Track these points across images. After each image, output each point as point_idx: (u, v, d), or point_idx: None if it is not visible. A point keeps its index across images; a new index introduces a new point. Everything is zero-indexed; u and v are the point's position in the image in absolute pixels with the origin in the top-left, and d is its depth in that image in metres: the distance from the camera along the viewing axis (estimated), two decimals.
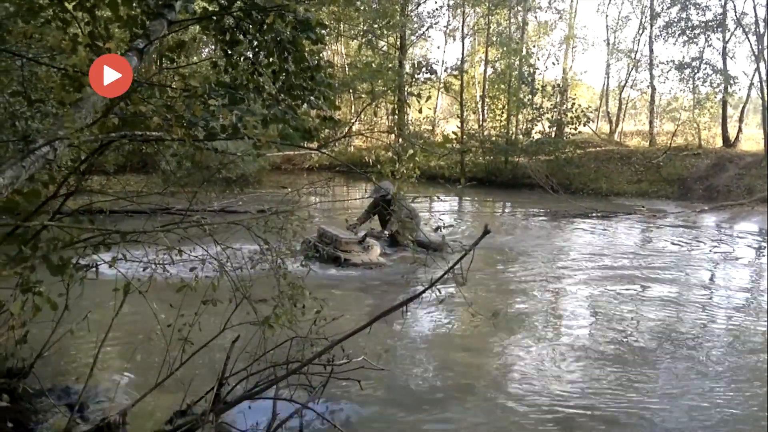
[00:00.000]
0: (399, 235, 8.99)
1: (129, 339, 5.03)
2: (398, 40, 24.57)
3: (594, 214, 14.51)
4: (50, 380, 4.10)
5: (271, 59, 4.38)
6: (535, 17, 27.66)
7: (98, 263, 3.31)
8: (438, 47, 55.54)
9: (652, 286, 7.92)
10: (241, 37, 4.38)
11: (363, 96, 24.73)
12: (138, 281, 3.39)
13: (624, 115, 29.37)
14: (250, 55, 4.51)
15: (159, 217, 5.31)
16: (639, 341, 5.78)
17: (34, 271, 2.94)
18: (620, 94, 28.89)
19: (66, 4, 3.88)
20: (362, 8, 23.44)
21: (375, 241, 8.81)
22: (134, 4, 3.80)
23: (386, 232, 9.01)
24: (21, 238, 3.14)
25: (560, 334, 5.95)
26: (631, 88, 28.84)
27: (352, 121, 22.07)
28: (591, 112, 24.41)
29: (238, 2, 4.05)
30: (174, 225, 3.28)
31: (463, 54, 25.65)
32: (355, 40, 27.08)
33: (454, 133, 19.17)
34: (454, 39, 27.13)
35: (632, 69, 28.05)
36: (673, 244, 11.30)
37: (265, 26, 4.16)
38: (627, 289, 7.72)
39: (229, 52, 4.40)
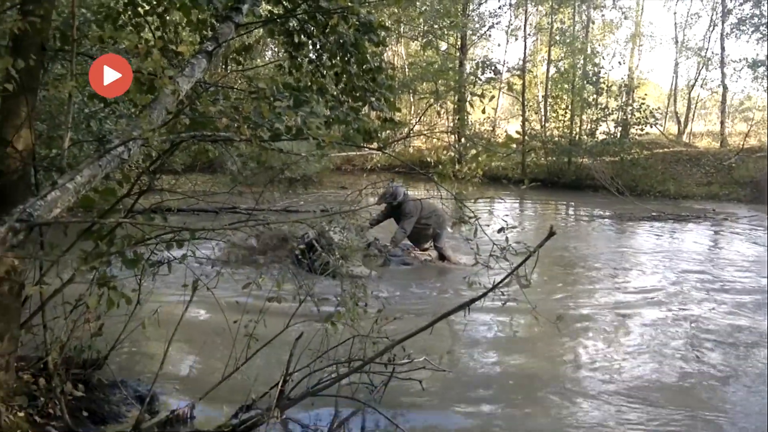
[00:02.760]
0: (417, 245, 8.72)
1: (197, 334, 5.17)
2: (459, 40, 24.46)
3: (662, 217, 14.08)
4: (123, 372, 4.24)
5: (333, 61, 4.43)
6: (601, 15, 27.10)
7: (169, 260, 3.43)
8: (499, 45, 55.14)
9: (724, 292, 7.63)
10: (305, 39, 4.46)
11: (425, 96, 24.73)
12: (206, 278, 3.49)
13: (693, 116, 28.43)
14: (314, 57, 4.58)
15: (225, 216, 5.44)
16: (710, 348, 5.58)
17: (109, 266, 3.06)
18: (689, 93, 27.97)
19: (139, 9, 4.03)
20: (423, 8, 23.47)
21: (377, 251, 8.42)
22: (204, 8, 3.91)
23: (389, 246, 8.49)
24: (96, 235, 3.27)
25: (626, 340, 5.79)
26: (701, 87, 27.90)
27: (413, 122, 22.08)
28: (658, 112, 23.71)
29: (303, 5, 4.12)
30: (241, 223, 3.36)
31: (525, 53, 25.34)
32: (416, 41, 27.13)
33: (517, 132, 18.97)
34: (516, 38, 26.84)
35: (702, 67, 27.13)
36: (746, 248, 10.86)
37: (329, 28, 4.22)
38: (697, 294, 7.46)
39: (293, 54, 4.48)
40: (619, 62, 26.73)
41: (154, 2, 4.09)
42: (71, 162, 3.19)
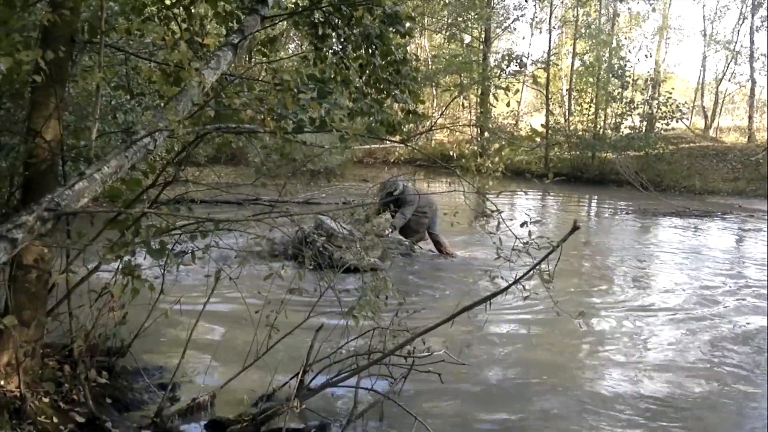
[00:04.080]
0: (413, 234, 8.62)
1: (218, 324, 5.22)
2: (483, 32, 24.31)
3: (687, 213, 13.89)
4: (146, 360, 4.30)
5: (358, 53, 4.44)
6: (628, 9, 26.75)
7: (193, 250, 3.46)
8: (523, 38, 54.65)
9: (747, 290, 7.52)
10: (330, 31, 4.46)
11: (448, 89, 24.62)
12: (229, 268, 3.52)
13: (720, 110, 27.96)
14: (338, 49, 4.58)
15: (248, 207, 5.48)
16: (734, 346, 5.50)
17: (134, 255, 3.10)
18: (717, 87, 27.53)
19: (166, 1, 4.06)
20: (448, 1, 23.35)
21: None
22: (230, 0, 3.93)
23: (388, 231, 8.27)
24: (122, 224, 3.32)
25: (649, 337, 5.73)
26: (729, 81, 27.43)
27: (437, 115, 22.00)
28: (685, 106, 23.35)
29: None
30: (264, 215, 3.38)
31: (549, 46, 25.10)
32: (440, 34, 27.01)
33: (542, 126, 18.80)
34: (541, 31, 26.60)
35: (731, 61, 26.67)
36: None
37: (354, 20, 4.22)
38: (721, 292, 7.36)
39: (318, 46, 4.49)
40: (646, 55, 26.33)
41: None
42: (98, 153, 3.24)
